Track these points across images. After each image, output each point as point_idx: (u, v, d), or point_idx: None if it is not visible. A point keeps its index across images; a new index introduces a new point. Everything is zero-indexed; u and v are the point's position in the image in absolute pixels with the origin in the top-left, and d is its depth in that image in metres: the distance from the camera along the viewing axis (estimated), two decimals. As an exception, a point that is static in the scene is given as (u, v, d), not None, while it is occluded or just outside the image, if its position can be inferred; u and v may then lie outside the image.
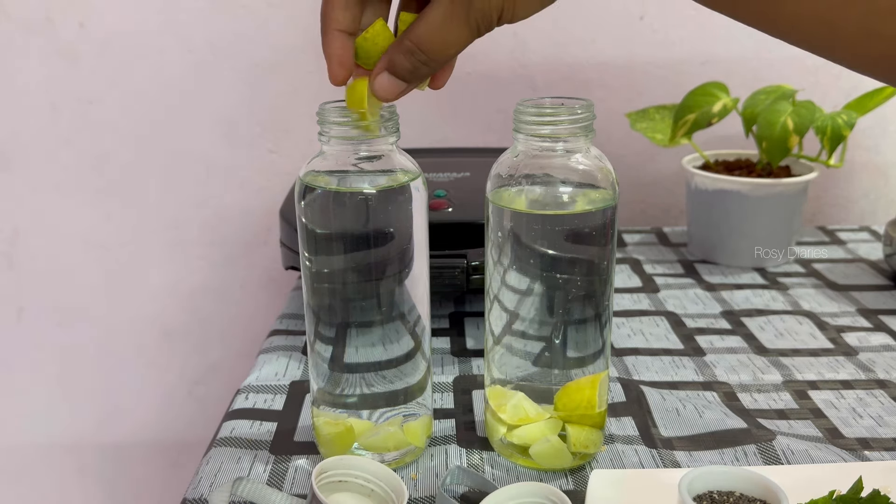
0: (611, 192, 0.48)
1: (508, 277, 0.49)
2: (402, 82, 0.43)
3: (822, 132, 0.80)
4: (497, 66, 0.98)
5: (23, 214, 1.05)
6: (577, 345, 0.50)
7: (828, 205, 1.05)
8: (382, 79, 0.43)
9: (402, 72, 0.42)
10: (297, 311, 0.76)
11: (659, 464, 0.52)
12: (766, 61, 0.97)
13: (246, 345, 1.09)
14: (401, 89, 0.43)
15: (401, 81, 0.43)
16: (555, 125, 0.46)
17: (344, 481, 0.46)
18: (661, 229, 0.98)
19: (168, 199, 1.04)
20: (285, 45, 0.97)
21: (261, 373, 0.64)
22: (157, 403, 1.15)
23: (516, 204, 0.48)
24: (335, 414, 0.51)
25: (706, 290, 0.80)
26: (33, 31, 0.97)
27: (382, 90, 0.43)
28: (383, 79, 0.43)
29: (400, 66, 0.42)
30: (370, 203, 0.47)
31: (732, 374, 0.64)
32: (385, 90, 0.43)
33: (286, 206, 0.77)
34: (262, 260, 1.07)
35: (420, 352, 0.51)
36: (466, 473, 0.49)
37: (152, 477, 1.18)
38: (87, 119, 1.00)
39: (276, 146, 1.02)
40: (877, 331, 0.71)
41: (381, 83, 0.43)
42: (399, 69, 0.42)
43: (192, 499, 0.49)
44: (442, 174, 0.81)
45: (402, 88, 0.43)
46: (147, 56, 0.98)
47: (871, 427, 0.56)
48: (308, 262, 0.49)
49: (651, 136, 0.89)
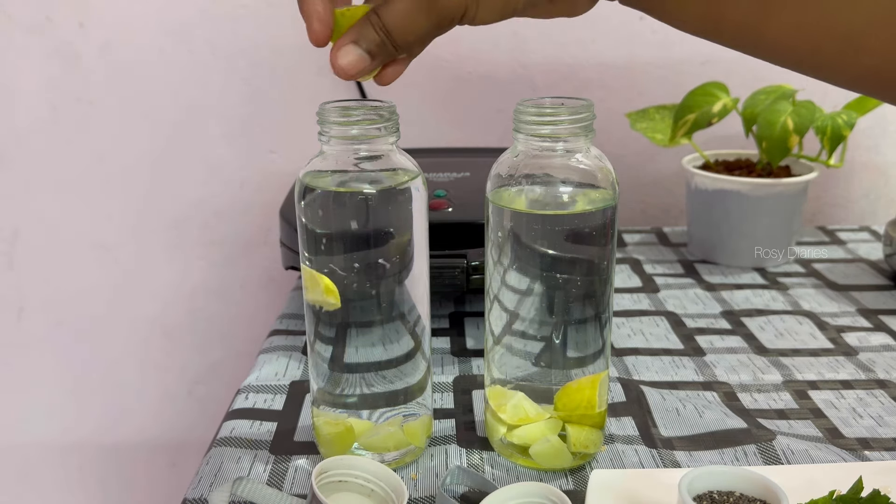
0: (611, 192, 0.48)
1: (508, 277, 0.49)
2: (365, 56, 0.43)
3: (822, 132, 0.80)
4: (497, 66, 0.98)
5: (23, 214, 1.05)
6: (577, 345, 0.50)
7: (828, 205, 1.05)
8: (347, 50, 0.42)
9: (370, 44, 0.42)
10: (297, 311, 0.76)
11: (659, 464, 0.52)
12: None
13: (246, 345, 1.09)
14: (363, 65, 0.43)
15: (364, 54, 0.43)
16: (555, 125, 0.46)
17: (344, 481, 0.46)
18: (661, 229, 0.98)
19: (168, 200, 1.04)
20: (285, 45, 0.97)
21: (261, 373, 0.64)
22: (157, 403, 1.15)
23: (516, 204, 0.48)
24: (335, 414, 0.51)
25: (706, 290, 0.80)
26: (33, 31, 0.97)
27: (345, 61, 0.43)
28: (348, 50, 0.42)
29: (368, 38, 0.42)
30: (370, 203, 0.47)
31: (732, 374, 0.64)
32: (347, 62, 0.43)
33: (286, 206, 0.77)
34: (262, 260, 1.07)
35: (420, 352, 0.51)
36: (466, 473, 0.49)
37: (152, 477, 1.18)
38: (87, 119, 1.00)
39: (276, 146, 1.02)
40: (877, 331, 0.71)
41: (346, 54, 0.42)
42: (366, 41, 0.42)
43: (192, 499, 0.49)
44: (442, 174, 0.81)
45: (365, 64, 0.43)
46: (147, 56, 0.98)
47: (871, 427, 0.56)
48: (308, 262, 0.49)
49: (651, 136, 0.89)
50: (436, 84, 0.99)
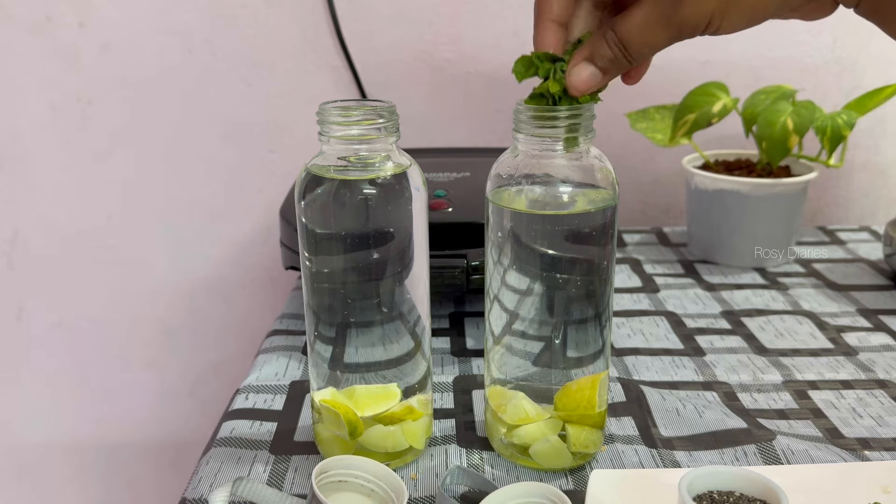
0: (611, 192, 0.48)
1: (508, 277, 0.49)
2: (598, 73, 0.43)
3: (821, 132, 0.80)
4: (497, 66, 0.98)
5: (23, 214, 1.05)
6: (577, 345, 0.50)
7: (828, 205, 1.05)
8: (581, 69, 0.43)
9: (603, 61, 0.42)
10: (297, 311, 0.76)
11: (659, 464, 0.52)
12: (766, 61, 0.97)
13: (246, 345, 1.09)
14: (596, 80, 0.43)
15: (597, 72, 0.43)
16: (555, 125, 0.46)
17: (344, 481, 0.46)
18: (661, 229, 0.98)
19: (168, 200, 1.04)
20: (285, 45, 0.97)
21: (261, 373, 0.64)
22: (157, 403, 1.15)
23: (516, 204, 0.48)
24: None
25: (706, 290, 0.80)
26: (33, 31, 0.97)
27: (579, 80, 0.43)
28: (581, 69, 0.43)
29: (602, 55, 0.42)
30: (370, 203, 0.47)
31: (732, 374, 0.64)
32: (581, 80, 0.43)
33: (286, 206, 0.77)
34: (262, 260, 1.07)
35: (420, 352, 0.51)
36: (466, 473, 0.49)
37: (152, 477, 1.18)
38: (87, 119, 1.00)
39: (275, 146, 1.02)
40: (877, 331, 0.71)
41: (579, 73, 0.43)
42: (600, 59, 0.42)
43: (192, 499, 0.49)
44: (442, 174, 0.81)
45: (598, 80, 0.43)
46: (147, 56, 0.98)
47: (871, 427, 0.56)
48: (308, 262, 0.49)
49: (651, 136, 0.89)
50: (436, 84, 0.99)
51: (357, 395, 0.50)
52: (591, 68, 0.43)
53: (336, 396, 0.50)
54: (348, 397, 0.50)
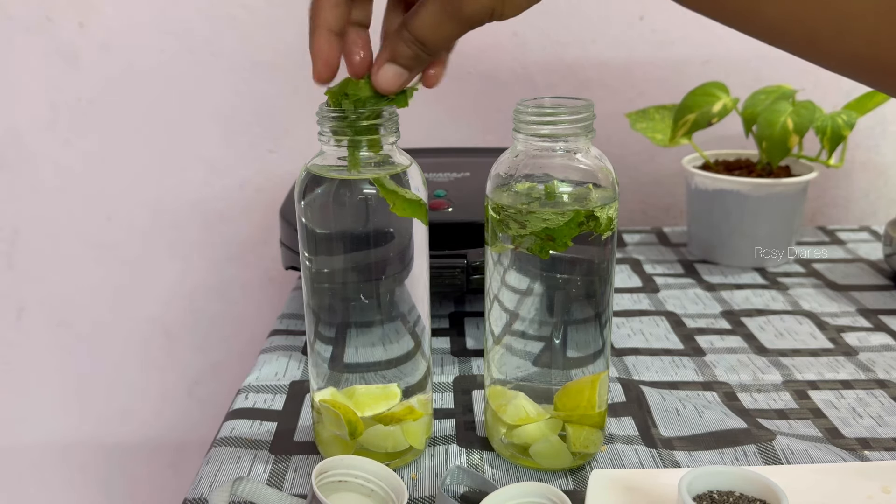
0: (611, 191, 0.48)
1: (508, 277, 0.49)
2: (403, 71, 0.44)
3: (821, 132, 0.80)
4: (497, 66, 0.98)
5: (23, 214, 1.05)
6: (577, 345, 0.50)
7: (828, 205, 1.05)
8: (385, 69, 0.44)
9: (405, 59, 0.44)
10: (297, 311, 0.76)
11: (659, 464, 0.52)
12: (766, 61, 0.97)
13: (246, 345, 1.09)
14: (402, 78, 0.44)
15: (402, 70, 0.44)
16: (555, 125, 0.46)
17: (344, 481, 0.46)
18: (661, 229, 0.98)
19: (168, 199, 1.04)
20: (285, 45, 0.97)
21: (261, 373, 0.64)
22: (157, 403, 1.15)
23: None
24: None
25: (706, 290, 0.80)
26: (33, 31, 0.97)
27: (386, 80, 0.44)
28: (386, 69, 0.44)
29: (402, 54, 0.43)
30: (370, 203, 0.47)
31: (732, 374, 0.64)
32: (388, 80, 0.44)
33: (286, 206, 0.77)
34: (262, 260, 1.07)
35: (420, 352, 0.51)
36: (466, 473, 0.49)
37: (152, 477, 1.18)
38: (87, 119, 1.00)
39: (275, 146, 1.02)
40: (877, 331, 0.71)
41: (385, 73, 0.44)
42: (401, 57, 0.44)
43: (193, 499, 0.49)
44: (442, 174, 0.81)
45: (404, 79, 0.44)
46: (147, 56, 0.98)
47: (871, 427, 0.56)
48: (308, 262, 0.49)
49: (651, 136, 0.89)
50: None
51: (357, 395, 0.50)
52: (395, 67, 0.44)
53: (336, 396, 0.50)
54: (348, 397, 0.50)
